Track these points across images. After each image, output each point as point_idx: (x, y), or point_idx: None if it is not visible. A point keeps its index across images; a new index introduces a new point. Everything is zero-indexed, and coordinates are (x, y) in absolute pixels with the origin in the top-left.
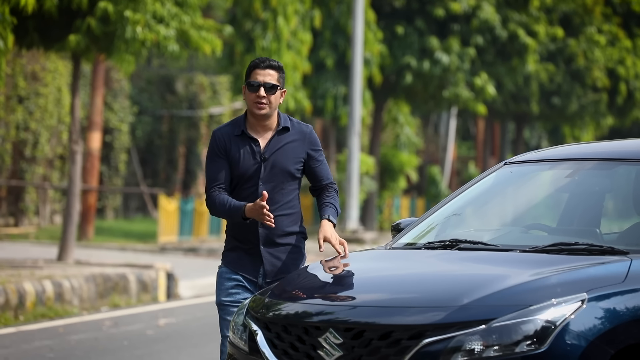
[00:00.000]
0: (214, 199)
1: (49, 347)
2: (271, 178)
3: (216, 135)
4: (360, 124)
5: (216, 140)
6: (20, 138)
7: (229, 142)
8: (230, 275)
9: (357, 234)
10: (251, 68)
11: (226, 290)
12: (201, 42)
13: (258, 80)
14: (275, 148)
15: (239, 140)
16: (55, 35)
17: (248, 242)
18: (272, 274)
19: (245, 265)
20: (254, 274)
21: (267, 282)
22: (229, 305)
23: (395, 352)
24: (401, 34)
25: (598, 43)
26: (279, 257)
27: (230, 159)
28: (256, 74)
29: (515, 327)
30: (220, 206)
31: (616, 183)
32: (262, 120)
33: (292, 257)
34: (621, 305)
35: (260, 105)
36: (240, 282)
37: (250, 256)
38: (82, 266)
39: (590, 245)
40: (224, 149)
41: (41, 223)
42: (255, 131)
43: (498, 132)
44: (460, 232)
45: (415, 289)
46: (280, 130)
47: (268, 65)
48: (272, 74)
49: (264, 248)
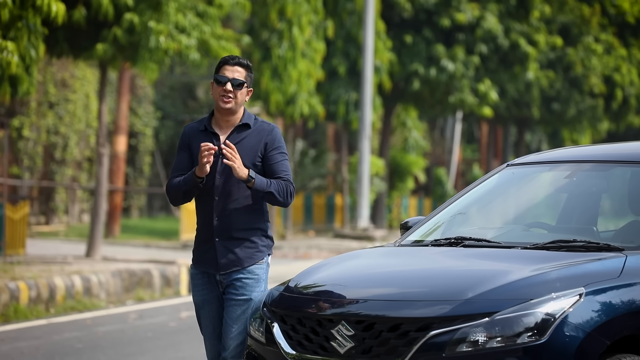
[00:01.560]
0: (171, 182)
1: (78, 338)
2: (227, 171)
3: (184, 131)
4: (371, 128)
5: (183, 135)
6: (51, 141)
7: (193, 137)
8: (197, 274)
9: (368, 231)
10: (221, 64)
11: (199, 290)
12: (221, 51)
13: (226, 75)
14: (233, 142)
15: (202, 135)
16: (84, 44)
17: (206, 236)
18: (226, 266)
19: (207, 261)
20: (213, 268)
21: (221, 275)
22: (201, 307)
23: (403, 343)
24: (409, 43)
25: (595, 52)
26: (233, 251)
27: (192, 152)
28: (225, 69)
29: (517, 319)
30: (175, 184)
31: (612, 184)
32: (226, 115)
33: (248, 252)
34: (617, 299)
35: (226, 100)
36: (206, 278)
37: (207, 252)
38: (109, 262)
39: (587, 242)
40: (187, 143)
41: (70, 221)
42: (218, 126)
43: (501, 136)
44: (465, 230)
45: (422, 283)
46: (240, 126)
47: (237, 62)
48: (240, 71)
49: (218, 241)
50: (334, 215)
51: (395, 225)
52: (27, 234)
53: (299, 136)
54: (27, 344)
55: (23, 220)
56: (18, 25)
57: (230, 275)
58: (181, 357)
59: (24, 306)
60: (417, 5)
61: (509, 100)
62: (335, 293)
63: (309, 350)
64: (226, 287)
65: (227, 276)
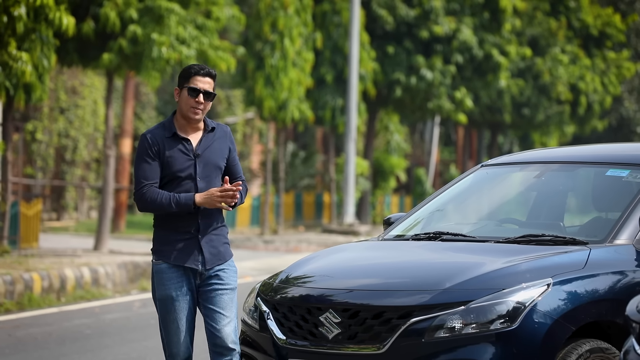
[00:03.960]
0: (150, 194)
1: (87, 325)
2: (206, 173)
3: (148, 138)
4: (356, 131)
5: (149, 142)
6: (62, 144)
7: (161, 144)
8: (172, 270)
9: (353, 227)
10: (191, 74)
11: (173, 285)
12: (218, 61)
13: (198, 86)
14: (206, 146)
15: (171, 141)
16: (92, 54)
17: (187, 234)
18: (211, 262)
19: (185, 257)
20: (194, 263)
21: (207, 269)
22: (175, 300)
23: (386, 329)
24: (391, 53)
25: (561, 62)
26: (215, 246)
27: (163, 159)
28: (196, 80)
29: (490, 307)
30: (163, 202)
31: (577, 183)
32: (193, 123)
33: (225, 246)
34: (581, 289)
35: (197, 111)
36: (183, 274)
37: (188, 247)
38: (115, 255)
39: (555, 236)
40: (156, 150)
41: (79, 217)
42: (184, 132)
43: (475, 139)
44: (443, 226)
45: (403, 274)
46: (210, 130)
47: (207, 72)
48: (210, 82)
49: (202, 238)
50: (322, 212)
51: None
52: (40, 229)
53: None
54: (40, 330)
55: (36, 217)
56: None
57: (213, 268)
58: None
59: (37, 295)
60: (398, 19)
61: (483, 106)
62: (323, 283)
63: (299, 336)
64: (206, 279)
65: (210, 269)
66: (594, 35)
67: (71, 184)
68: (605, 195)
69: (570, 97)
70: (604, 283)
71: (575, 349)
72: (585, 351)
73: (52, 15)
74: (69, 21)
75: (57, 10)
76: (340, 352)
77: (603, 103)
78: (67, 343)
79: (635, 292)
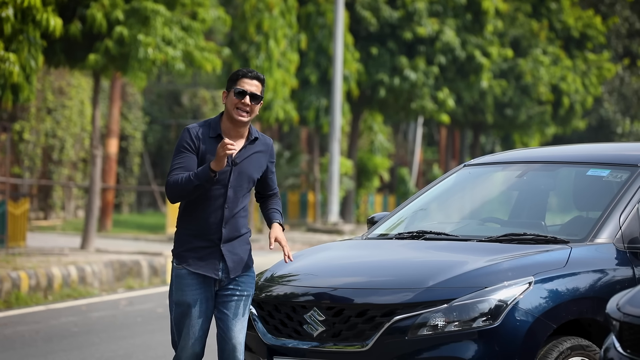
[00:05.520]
0: (174, 178)
1: (74, 323)
2: (238, 183)
3: (191, 132)
4: (340, 131)
5: (191, 137)
6: (49, 144)
7: (203, 141)
8: (191, 275)
9: (337, 226)
10: (239, 76)
11: (191, 291)
12: (203, 62)
13: (245, 88)
14: (245, 156)
15: (214, 142)
16: (79, 55)
17: (209, 242)
18: (234, 270)
19: (206, 266)
20: (213, 272)
21: (227, 278)
22: (192, 306)
23: (370, 327)
24: (375, 54)
25: (543, 63)
26: (237, 253)
27: (201, 158)
28: (244, 82)
29: (473, 305)
30: (184, 179)
31: (559, 182)
32: (238, 127)
33: (248, 253)
34: (562, 287)
35: (243, 113)
36: (202, 281)
37: (210, 256)
38: (102, 254)
39: (536, 235)
40: (197, 146)
41: (66, 217)
42: (229, 136)
43: (458, 139)
44: (426, 225)
45: (387, 273)
46: (252, 140)
47: (255, 76)
48: (258, 85)
49: (224, 247)
50: (306, 211)
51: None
52: (27, 228)
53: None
54: (28, 327)
55: (24, 216)
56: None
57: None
58: (168, 340)
59: (24, 294)
60: (382, 20)
61: (466, 106)
62: (308, 282)
63: (283, 334)
64: (226, 284)
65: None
66: (575, 37)
67: (58, 183)
68: (586, 194)
69: (551, 97)
70: (584, 281)
71: (556, 346)
72: (567, 348)
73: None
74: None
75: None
76: (324, 349)
77: (584, 104)
78: (55, 341)
79: (615, 290)
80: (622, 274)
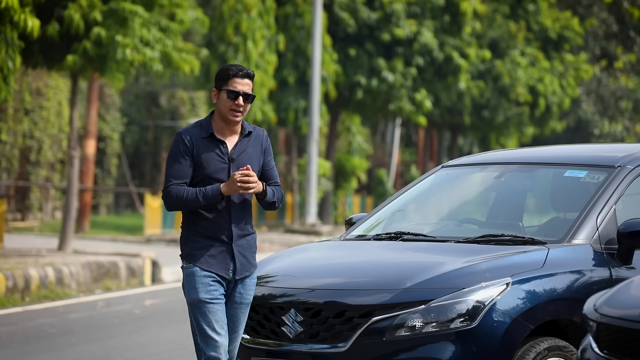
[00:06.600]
0: (176, 191)
1: (51, 324)
2: None
3: (183, 137)
4: (318, 132)
5: (184, 141)
6: (27, 145)
7: (196, 144)
8: (205, 274)
9: (315, 227)
10: (230, 76)
11: (205, 288)
12: (181, 63)
13: (237, 89)
14: (241, 150)
15: (207, 142)
16: (57, 56)
17: (219, 241)
18: (241, 271)
19: (217, 264)
20: (225, 271)
21: (234, 279)
22: (210, 303)
23: (348, 328)
24: (353, 55)
25: (520, 64)
26: (245, 255)
27: (197, 160)
28: (235, 82)
29: (451, 306)
30: (190, 197)
31: (536, 183)
32: (232, 125)
33: (253, 255)
34: (540, 288)
35: (237, 114)
36: (215, 279)
37: (221, 254)
38: (79, 255)
39: (514, 236)
40: (190, 150)
41: (44, 218)
42: (222, 134)
43: (436, 140)
44: (404, 226)
45: (365, 274)
46: (247, 134)
47: (246, 74)
48: (249, 84)
49: (235, 245)
50: (284, 212)
51: (340, 221)
52: (5, 229)
53: None
54: (5, 329)
55: (1, 217)
56: None
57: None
58: (146, 341)
59: (1, 295)
60: (360, 22)
61: (443, 108)
62: (286, 283)
63: (261, 335)
64: (231, 288)
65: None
66: (553, 38)
67: (36, 184)
68: (564, 195)
69: (529, 98)
70: (562, 282)
71: (533, 347)
72: (544, 349)
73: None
74: (34, 23)
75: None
76: (302, 350)
77: (561, 105)
78: (32, 342)
79: (592, 291)
80: (599, 275)
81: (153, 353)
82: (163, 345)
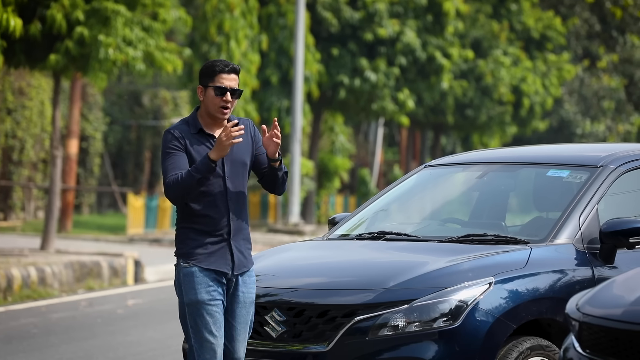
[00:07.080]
0: (173, 178)
1: (34, 324)
2: (233, 171)
3: (173, 133)
4: (301, 132)
5: (174, 136)
6: (9, 144)
7: (187, 139)
8: (204, 273)
9: (299, 227)
10: (215, 72)
11: (205, 289)
12: (164, 62)
13: (224, 85)
14: None
15: (197, 138)
16: (39, 56)
17: (218, 237)
18: (238, 267)
19: (217, 261)
20: (225, 266)
21: (233, 276)
22: (209, 304)
23: (331, 328)
24: (336, 55)
25: (503, 64)
26: (242, 251)
27: (189, 155)
28: (222, 78)
29: (433, 306)
30: (185, 175)
31: (519, 183)
32: (220, 121)
33: (249, 251)
34: (522, 287)
35: (225, 110)
36: (215, 278)
37: (220, 250)
38: (62, 254)
39: (497, 236)
40: (182, 144)
41: (26, 217)
42: (210, 129)
43: (419, 140)
44: (387, 225)
45: (348, 273)
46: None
47: (232, 69)
48: (235, 79)
49: (233, 241)
50: (267, 212)
51: (323, 221)
52: None
53: None
54: None
55: None
56: None
57: (238, 275)
58: (129, 341)
59: None
60: (343, 21)
61: (426, 107)
62: (269, 282)
63: None
64: (232, 287)
65: (235, 276)
66: (535, 38)
67: (18, 184)
68: (546, 195)
69: (512, 98)
70: (544, 282)
71: (516, 346)
72: (526, 349)
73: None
74: (16, 22)
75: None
76: (285, 350)
77: (544, 104)
78: (14, 342)
79: (575, 291)
80: (582, 274)
81: (136, 353)
82: (146, 345)
